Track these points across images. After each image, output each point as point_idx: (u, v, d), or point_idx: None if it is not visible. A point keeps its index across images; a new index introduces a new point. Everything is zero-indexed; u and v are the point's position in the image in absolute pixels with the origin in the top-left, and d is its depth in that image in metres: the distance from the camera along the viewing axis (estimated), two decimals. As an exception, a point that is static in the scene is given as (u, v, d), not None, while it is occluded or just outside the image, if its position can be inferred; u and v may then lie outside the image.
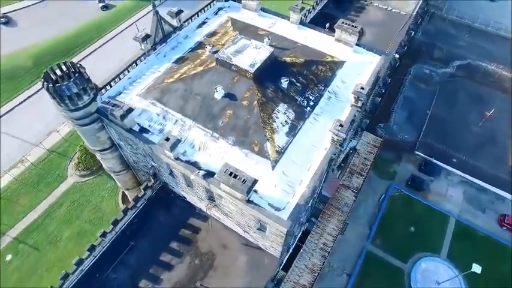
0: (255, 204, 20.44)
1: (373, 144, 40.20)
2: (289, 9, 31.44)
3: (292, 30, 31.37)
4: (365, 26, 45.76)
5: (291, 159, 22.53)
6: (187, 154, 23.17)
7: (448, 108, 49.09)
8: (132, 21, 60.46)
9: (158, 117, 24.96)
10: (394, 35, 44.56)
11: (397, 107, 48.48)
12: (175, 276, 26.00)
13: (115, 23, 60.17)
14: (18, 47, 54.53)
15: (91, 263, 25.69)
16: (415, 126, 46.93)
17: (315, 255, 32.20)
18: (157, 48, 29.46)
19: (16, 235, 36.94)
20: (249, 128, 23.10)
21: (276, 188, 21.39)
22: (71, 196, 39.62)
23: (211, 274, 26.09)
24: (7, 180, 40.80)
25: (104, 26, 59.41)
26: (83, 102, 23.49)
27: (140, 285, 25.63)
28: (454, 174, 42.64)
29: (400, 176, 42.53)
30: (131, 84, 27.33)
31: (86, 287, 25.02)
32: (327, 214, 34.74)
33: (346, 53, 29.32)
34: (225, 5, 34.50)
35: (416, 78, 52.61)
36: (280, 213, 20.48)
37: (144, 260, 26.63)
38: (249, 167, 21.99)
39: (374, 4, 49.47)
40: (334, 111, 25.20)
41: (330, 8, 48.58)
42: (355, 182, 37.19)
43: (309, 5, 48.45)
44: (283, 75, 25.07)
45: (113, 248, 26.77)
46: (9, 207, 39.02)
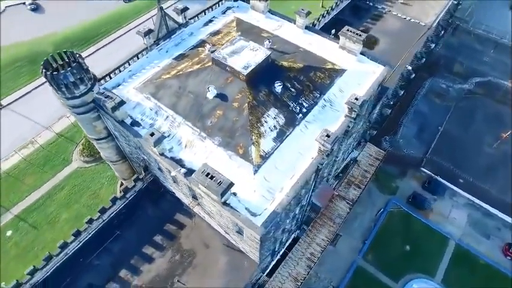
0: (231, 207, 20.31)
1: (375, 157, 39.09)
2: (295, 13, 31.06)
3: (297, 35, 30.94)
4: (380, 34, 44.86)
5: (275, 165, 22.23)
6: (173, 150, 23.36)
7: (462, 126, 46.96)
8: (151, 15, 61.68)
9: (151, 111, 25.31)
10: (409, 46, 43.09)
11: (406, 120, 46.85)
12: (154, 270, 26.34)
13: (134, 16, 61.63)
14: (42, 33, 56.97)
15: (76, 247, 26.44)
16: (424, 142, 45.21)
17: (301, 264, 31.68)
18: (160, 43, 29.91)
19: (18, 213, 38.62)
20: (236, 130, 22.98)
21: (255, 193, 21.16)
22: (73, 180, 40.97)
23: (190, 271, 26.23)
24: (16, 160, 42.72)
25: (124, 18, 60.97)
26: (79, 91, 24.15)
27: (120, 274, 26.15)
28: (460, 196, 40.75)
29: (402, 192, 41.12)
30: (131, 77, 27.87)
31: (69, 270, 25.77)
32: (318, 224, 34.11)
33: (349, 61, 28.59)
34: (233, 5, 34.53)
35: (431, 92, 50.64)
36: (256, 219, 20.24)
37: (127, 250, 27.14)
38: (231, 170, 21.90)
39: (392, 13, 48.09)
40: (327, 120, 24.64)
41: (346, 15, 47.66)
42: (351, 193, 36.29)
43: (325, 9, 47.76)
44: (278, 79, 24.75)
45: (99, 235, 27.44)
46: (16, 185, 40.84)
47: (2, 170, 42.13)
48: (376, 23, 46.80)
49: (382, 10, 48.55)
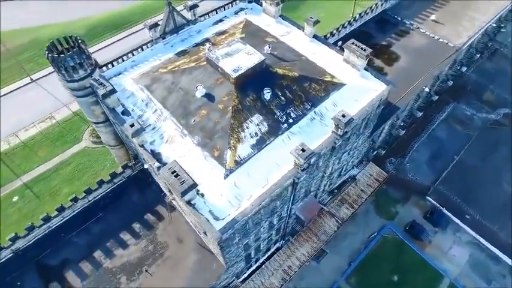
0: (194, 207, 20.33)
1: (375, 178, 37.37)
2: (304, 21, 30.41)
3: (303, 43, 30.29)
4: (402, 51, 42.70)
5: (248, 172, 21.91)
6: (154, 144, 23.80)
7: (481, 158, 43.62)
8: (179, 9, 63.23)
9: (142, 103, 25.94)
10: (431, 67, 40.56)
11: (419, 144, 44.28)
12: (126, 256, 26.99)
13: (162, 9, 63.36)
14: (74, 17, 60.42)
15: (59, 222, 27.75)
16: (435, 170, 42.52)
17: (276, 275, 31.08)
18: (166, 37, 30.56)
19: (26, 181, 41.35)
20: (216, 131, 22.93)
21: (222, 198, 21.01)
22: (79, 158, 43.11)
23: (159, 264, 26.59)
24: (34, 132, 45.74)
25: (152, 9, 62.96)
26: (78, 76, 25.23)
27: (94, 254, 27.08)
28: (464, 232, 37.91)
29: (401, 219, 39.01)
30: (132, 67, 28.73)
31: (49, 242, 27.06)
32: (302, 237, 33.25)
33: (350, 76, 27.51)
34: (247, 6, 34.47)
35: (452, 118, 47.51)
36: (218, 223, 20.09)
37: (106, 232, 28.00)
38: (204, 171, 21.93)
39: (420, 30, 45.48)
40: (312, 134, 23.87)
41: (370, 27, 45.78)
42: (342, 212, 34.99)
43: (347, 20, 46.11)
44: (268, 86, 24.35)
45: (82, 214, 28.56)
46: (29, 155, 43.74)
47: (21, 139, 45.27)
48: (400, 39, 44.53)
49: (409, 26, 46.10)
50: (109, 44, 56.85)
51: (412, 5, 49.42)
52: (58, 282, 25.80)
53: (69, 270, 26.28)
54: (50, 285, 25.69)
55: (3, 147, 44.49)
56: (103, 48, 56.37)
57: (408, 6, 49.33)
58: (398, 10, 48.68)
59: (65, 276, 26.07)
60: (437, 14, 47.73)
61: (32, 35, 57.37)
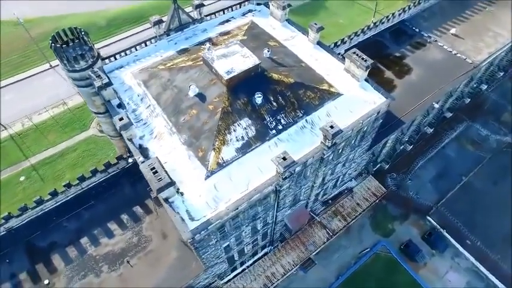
0: (171, 205, 20.46)
1: (373, 192, 36.29)
2: (308, 27, 29.95)
3: (306, 49, 29.86)
4: (416, 64, 41.19)
5: (229, 175, 21.80)
6: (144, 138, 24.16)
7: (491, 182, 41.42)
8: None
9: (138, 97, 26.41)
10: (445, 82, 38.87)
11: (425, 161, 42.59)
12: (111, 245, 27.52)
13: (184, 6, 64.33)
14: (96, 9, 62.37)
15: (52, 206, 28.68)
16: (439, 189, 40.78)
17: (258, 280, 30.82)
18: (171, 34, 30.95)
19: (34, 163, 43.15)
20: (203, 132, 22.98)
21: (200, 198, 21.01)
22: (85, 146, 44.49)
23: (141, 256, 26.94)
24: (46, 116, 47.62)
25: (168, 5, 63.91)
26: (79, 66, 25.96)
27: (81, 240, 27.81)
28: (464, 258, 36.14)
29: (397, 237, 37.68)
30: (134, 61, 29.29)
31: (40, 224, 28.04)
32: (289, 245, 32.81)
33: (349, 86, 26.84)
34: (256, 8, 34.35)
35: (465, 137, 45.41)
36: (192, 223, 20.11)
37: (95, 220, 28.65)
38: (186, 170, 22.05)
39: (438, 43, 43.69)
40: (301, 142, 23.45)
41: (384, 37, 44.45)
42: (334, 224, 34.20)
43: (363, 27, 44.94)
44: (261, 90, 24.14)
45: (75, 200, 29.35)
46: (40, 138, 45.61)
47: (34, 122, 47.26)
48: (415, 51, 42.90)
49: (427, 38, 44.36)
50: (126, 36, 58.36)
51: (433, 17, 47.61)
52: (44, 264, 26.67)
53: (55, 253, 27.10)
54: (36, 266, 26.63)
55: (17, 128, 46.64)
56: (120, 40, 57.93)
57: (428, 17, 47.58)
58: (417, 21, 47.02)
59: (51, 258, 26.90)
60: (458, 27, 45.73)
61: (56, 23, 59.58)
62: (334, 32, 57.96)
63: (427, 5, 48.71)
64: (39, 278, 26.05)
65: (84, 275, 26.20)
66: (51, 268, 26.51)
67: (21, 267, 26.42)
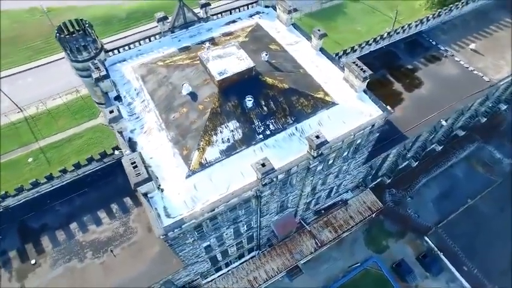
0: (148, 200, 20.70)
1: (368, 206, 35.29)
2: (311, 33, 29.47)
3: (308, 55, 29.37)
4: (428, 78, 39.69)
5: (210, 176, 21.80)
6: (134, 132, 24.56)
7: (498, 208, 39.35)
8: (218, 4, 64.45)
9: (134, 91, 26.89)
10: (456, 99, 37.22)
11: (429, 179, 40.97)
12: (98, 233, 28.30)
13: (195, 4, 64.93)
14: (118, 2, 64.07)
15: (47, 189, 29.78)
16: (440, 210, 39.14)
17: (240, 283, 30.71)
18: (176, 31, 31.31)
19: (42, 146, 44.98)
20: (190, 131, 23.09)
21: (179, 196, 21.13)
22: (92, 134, 45.90)
23: (125, 246, 27.55)
24: (59, 102, 49.50)
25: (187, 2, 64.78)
26: (82, 57, 26.81)
27: (70, 225, 28.73)
28: (459, 285, 34.48)
29: (390, 254, 36.51)
30: (137, 56, 29.82)
31: (35, 205, 29.17)
32: (275, 251, 32.48)
33: (346, 96, 26.18)
34: (264, 11, 34.12)
35: (475, 158, 43.33)
36: (168, 220, 20.26)
37: (86, 207, 29.54)
38: (169, 167, 22.25)
39: (455, 58, 41.86)
40: (287, 150, 23.10)
41: (398, 48, 43.06)
42: (324, 235, 33.53)
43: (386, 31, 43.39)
44: (253, 93, 23.98)
45: (69, 185, 30.38)
46: (51, 123, 47.48)
47: (48, 107, 49.27)
48: (428, 65, 41.23)
49: (443, 52, 42.53)
50: (144, 30, 59.61)
51: (453, 30, 45.69)
52: (33, 244, 27.77)
53: (45, 235, 28.18)
54: (26, 245, 27.74)
55: (32, 111, 48.75)
56: (138, 33, 59.22)
57: (448, 30, 45.71)
58: (436, 33, 45.26)
59: (41, 239, 27.99)
60: (479, 43, 43.64)
61: (78, 14, 61.53)
62: (351, 39, 56.89)
63: (448, 18, 46.81)
64: (27, 257, 27.17)
65: (69, 259, 27.08)
66: (40, 249, 27.57)
67: (12, 244, 27.65)
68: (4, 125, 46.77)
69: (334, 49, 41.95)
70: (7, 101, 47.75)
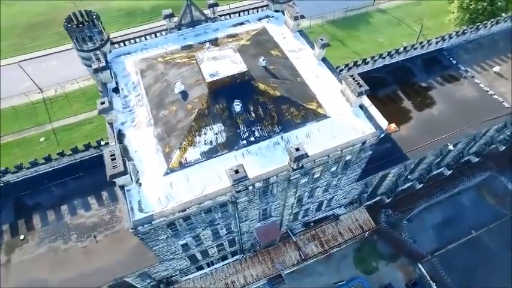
0: (124, 192, 21.10)
1: (360, 224, 34.11)
2: (315, 41, 28.83)
3: (310, 64, 28.79)
4: (442, 98, 37.78)
5: (188, 176, 21.87)
6: (124, 125, 25.14)
7: (506, 244, 36.74)
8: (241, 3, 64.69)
9: (132, 85, 27.50)
10: (469, 124, 35.12)
11: (433, 203, 38.96)
12: (85, 218, 29.19)
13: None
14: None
15: (45, 170, 31.13)
16: (440, 238, 37.19)
17: (217, 285, 30.65)
18: (182, 29, 31.70)
19: (55, 127, 47.13)
20: (175, 129, 23.29)
21: (154, 193, 21.36)
22: (101, 120, 47.00)
23: (107, 234, 28.26)
24: (77, 87, 51.68)
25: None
26: (87, 47, 27.83)
27: (61, 207, 29.86)
28: (448, 320, 32.61)
29: (378, 277, 35.13)
30: (142, 50, 30.48)
31: (32, 183, 30.49)
32: (257, 258, 32.16)
33: (340, 110, 25.40)
34: (274, 15, 33.80)
35: (487, 188, 40.76)
36: (139, 214, 20.55)
37: (78, 191, 30.58)
38: (150, 163, 22.57)
39: (474, 80, 39.51)
40: (270, 159, 22.71)
41: (415, 63, 41.20)
42: (310, 248, 32.76)
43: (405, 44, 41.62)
44: (242, 98, 23.81)
45: (67, 168, 31.59)
46: (66, 106, 49.67)
47: (65, 90, 51.57)
48: (444, 84, 39.09)
49: (462, 73, 40.17)
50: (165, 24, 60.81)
51: (478, 50, 43.18)
52: (25, 221, 29.12)
53: (37, 213, 29.44)
54: (18, 221, 29.14)
55: (50, 93, 51.24)
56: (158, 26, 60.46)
57: (472, 50, 43.25)
58: (458, 52, 42.95)
59: (32, 217, 29.28)
60: (504, 66, 40.97)
61: (104, 4, 64.23)
62: (371, 50, 55.21)
63: (474, 36, 44.28)
64: (17, 232, 28.52)
65: (55, 239, 28.15)
66: (30, 226, 28.87)
67: (6, 219, 29.12)
68: (23, 104, 49.48)
69: (351, 59, 40.75)
70: (29, 82, 50.46)
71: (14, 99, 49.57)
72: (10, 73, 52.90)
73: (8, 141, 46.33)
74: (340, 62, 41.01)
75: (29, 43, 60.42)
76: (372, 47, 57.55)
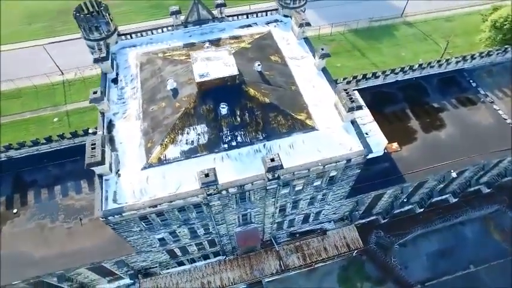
0: (101, 181, 21.67)
1: (347, 243, 33.02)
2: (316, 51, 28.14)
3: (309, 73, 28.20)
4: (454, 122, 35.73)
5: (164, 173, 22.09)
6: (116, 116, 25.82)
7: (506, 286, 34.14)
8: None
9: (130, 77, 28.17)
10: (480, 152, 32.95)
11: (430, 230, 36.94)
12: (75, 200, 30.22)
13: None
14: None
15: (46, 150, 32.58)
16: (434, 268, 35.17)
17: (193, 283, 30.81)
18: (188, 26, 32.02)
19: (69, 109, 49.28)
20: (160, 126, 23.58)
21: (130, 186, 21.77)
22: (112, 107, 49.02)
23: (93, 219, 29.04)
24: (95, 73, 53.57)
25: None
26: (93, 37, 28.82)
27: (56, 186, 31.15)
28: None
29: (361, 299, 33.83)
30: (147, 44, 31.12)
31: (34, 160, 31.93)
32: (237, 262, 31.98)
33: (331, 123, 24.67)
34: (283, 20, 33.33)
35: (494, 222, 38.09)
36: (112, 204, 21.06)
37: (74, 173, 31.72)
38: (132, 156, 23.06)
39: (493, 106, 36.92)
40: (248, 165, 22.43)
41: (430, 82, 39.11)
42: (291, 260, 32.14)
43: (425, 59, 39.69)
44: (230, 102, 23.69)
45: (66, 151, 32.91)
46: (82, 90, 51.62)
47: (84, 75, 53.73)
48: (459, 108, 36.71)
49: (481, 97, 37.53)
50: (187, 19, 61.91)
51: (502, 74, 40.28)
52: (20, 195, 30.65)
53: (32, 190, 30.90)
54: (14, 195, 30.73)
55: (70, 76, 53.62)
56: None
57: (496, 73, 40.44)
58: (480, 74, 40.33)
59: (27, 193, 30.77)
60: (529, 94, 38.05)
61: (129, -5, 66.37)
62: (391, 64, 53.19)
63: (501, 59, 41.42)
64: (11, 206, 30.08)
65: (43, 216, 29.40)
66: (23, 201, 30.33)
67: (4, 191, 30.75)
68: (44, 84, 52.10)
69: (368, 71, 39.37)
70: (52, 63, 53.04)
71: (37, 78, 52.27)
72: (37, 54, 55.77)
73: (27, 118, 49.03)
74: (354, 72, 39.76)
75: (59, 27, 63.52)
76: (392, 61, 55.41)
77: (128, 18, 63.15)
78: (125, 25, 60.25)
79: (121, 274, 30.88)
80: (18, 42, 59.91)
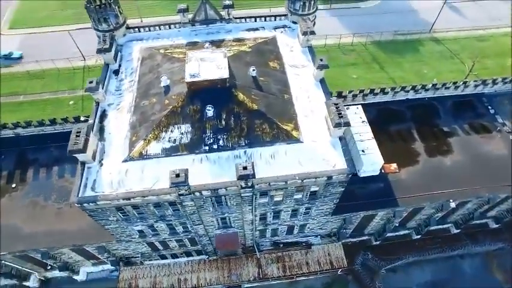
0: (82, 168, 22.36)
1: (330, 260, 32.08)
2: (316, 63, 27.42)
3: (306, 83, 27.62)
4: (462, 149, 33.78)
5: (143, 168, 22.45)
6: (110, 106, 26.57)
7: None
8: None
9: (130, 70, 28.87)
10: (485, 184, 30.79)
11: (426, 260, 35.02)
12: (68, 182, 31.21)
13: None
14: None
15: (50, 132, 34.15)
16: (422, 299, 33.33)
17: (170, 278, 31.18)
18: (196, 25, 32.31)
19: (85, 94, 51.18)
20: (147, 121, 23.98)
21: (109, 176, 22.32)
22: (125, 96, 50.57)
23: (81, 203, 30.19)
24: (114, 61, 55.55)
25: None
26: (102, 28, 29.82)
27: (54, 167, 32.58)
28: None
29: (339, 320, 32.72)
30: (153, 39, 31.75)
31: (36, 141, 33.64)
32: (216, 264, 31.96)
33: (318, 137, 24.01)
34: (291, 26, 32.79)
35: (498, 260, 35.43)
36: (89, 192, 21.70)
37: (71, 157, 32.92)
38: (117, 147, 23.64)
39: (510, 137, 34.36)
40: (226, 170, 22.26)
41: (443, 104, 36.89)
42: (270, 269, 31.72)
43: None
44: (218, 105, 23.67)
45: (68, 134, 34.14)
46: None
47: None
48: (471, 134, 34.34)
49: (498, 125, 34.90)
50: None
51: (526, 103, 37.50)
52: (20, 171, 32.37)
53: (31, 168, 32.54)
54: (16, 170, 32.49)
55: (91, 62, 55.91)
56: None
57: (520, 101, 37.68)
58: (501, 101, 37.72)
59: (28, 170, 32.45)
60: (553, 128, 35.02)
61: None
62: (410, 80, 51.16)
63: (527, 87, 38.49)
64: (11, 180, 31.82)
65: (38, 194, 30.87)
66: (23, 177, 32.01)
67: (7, 166, 32.62)
68: (65, 68, 54.75)
69: (385, 85, 37.99)
70: (76, 49, 55.53)
71: (60, 62, 54.99)
72: (64, 39, 58.51)
73: (45, 98, 51.75)
74: (371, 85, 38.54)
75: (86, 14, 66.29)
76: (412, 77, 53.10)
77: (153, 12, 64.94)
78: (149, 18, 62.28)
79: (103, 259, 31.79)
80: (49, 26, 63.28)
